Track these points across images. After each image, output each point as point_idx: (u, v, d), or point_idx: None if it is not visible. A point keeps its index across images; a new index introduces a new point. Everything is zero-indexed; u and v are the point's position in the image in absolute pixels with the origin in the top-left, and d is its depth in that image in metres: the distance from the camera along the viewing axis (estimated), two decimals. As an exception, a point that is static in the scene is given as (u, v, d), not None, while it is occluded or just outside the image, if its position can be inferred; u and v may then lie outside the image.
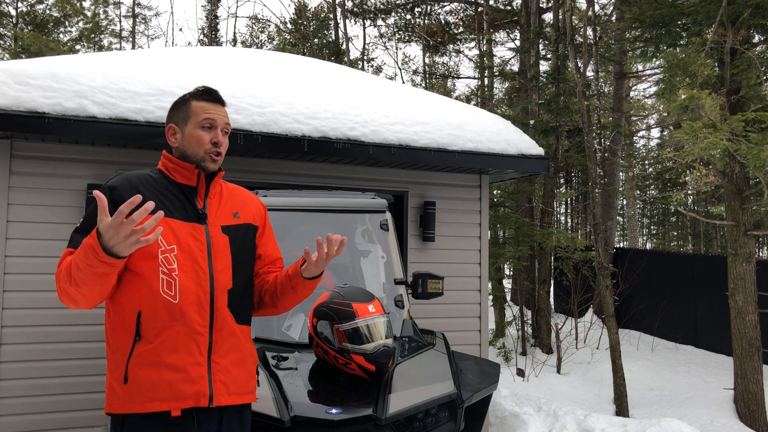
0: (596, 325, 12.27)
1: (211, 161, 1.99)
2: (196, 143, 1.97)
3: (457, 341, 5.07)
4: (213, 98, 2.03)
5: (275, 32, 22.93)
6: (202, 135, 1.98)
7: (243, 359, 1.99)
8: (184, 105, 2.03)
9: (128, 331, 1.86)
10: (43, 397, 4.09)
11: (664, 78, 7.19)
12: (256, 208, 2.17)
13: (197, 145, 1.97)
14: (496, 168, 5.17)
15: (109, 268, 1.65)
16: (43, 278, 4.13)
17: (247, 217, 2.10)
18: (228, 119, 2.05)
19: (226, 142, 2.04)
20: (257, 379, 2.10)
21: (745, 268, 6.89)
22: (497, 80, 17.29)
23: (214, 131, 1.99)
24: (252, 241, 2.10)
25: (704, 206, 22.09)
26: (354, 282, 3.78)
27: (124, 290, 1.87)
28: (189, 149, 1.99)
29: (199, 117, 1.99)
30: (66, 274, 1.74)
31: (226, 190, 2.11)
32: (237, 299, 1.99)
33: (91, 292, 1.73)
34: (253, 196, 2.21)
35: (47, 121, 3.78)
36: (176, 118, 2.03)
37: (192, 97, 2.03)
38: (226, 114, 2.06)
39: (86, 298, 1.76)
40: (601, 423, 5.27)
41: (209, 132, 1.99)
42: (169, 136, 2.04)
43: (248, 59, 5.74)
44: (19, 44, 18.22)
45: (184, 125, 2.00)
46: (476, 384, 3.24)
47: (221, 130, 2.01)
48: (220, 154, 2.00)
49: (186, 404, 1.84)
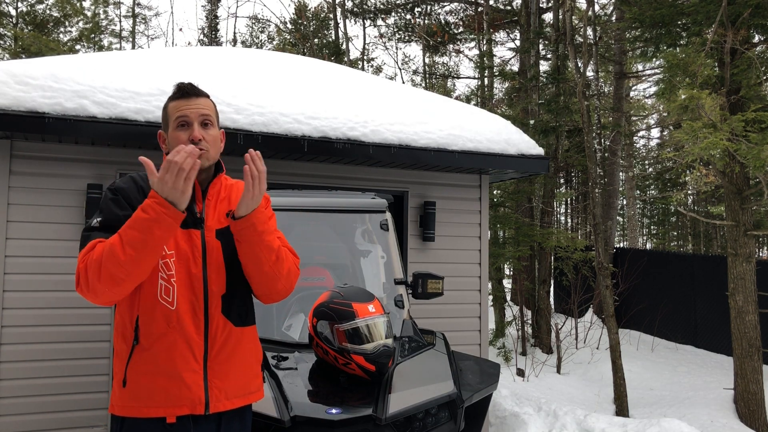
0: (596, 325, 12.27)
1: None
2: (176, 145, 1.88)
3: (457, 341, 5.07)
4: (184, 93, 1.94)
5: (275, 32, 22.94)
6: (179, 135, 1.90)
7: (244, 361, 1.97)
8: (165, 109, 1.98)
9: (127, 335, 1.87)
10: (43, 397, 4.09)
11: (664, 78, 7.19)
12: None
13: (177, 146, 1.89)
14: (496, 168, 5.17)
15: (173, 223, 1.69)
16: (43, 278, 4.13)
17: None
18: (207, 109, 1.94)
19: (212, 135, 1.94)
20: (263, 376, 2.08)
21: (745, 268, 6.89)
22: (497, 80, 17.29)
23: (190, 128, 1.90)
24: None
25: (704, 206, 22.09)
26: (354, 282, 3.78)
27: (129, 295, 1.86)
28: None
29: (173, 117, 1.92)
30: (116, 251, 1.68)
31: (224, 190, 2.04)
32: (232, 303, 1.96)
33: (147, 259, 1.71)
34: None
35: (47, 121, 3.78)
36: (163, 124, 1.99)
37: (168, 100, 1.97)
38: (206, 105, 1.95)
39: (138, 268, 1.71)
40: (601, 423, 5.27)
41: (186, 130, 1.90)
42: (161, 144, 2.02)
43: (248, 59, 5.74)
44: (19, 44, 18.23)
45: (167, 130, 1.96)
46: (476, 384, 3.24)
47: (199, 123, 1.91)
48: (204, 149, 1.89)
49: (181, 411, 1.83)
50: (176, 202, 1.68)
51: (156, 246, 1.71)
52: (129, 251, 1.68)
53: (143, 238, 1.68)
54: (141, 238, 1.68)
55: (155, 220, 1.66)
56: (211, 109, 1.97)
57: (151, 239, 1.68)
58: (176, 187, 1.66)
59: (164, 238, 1.71)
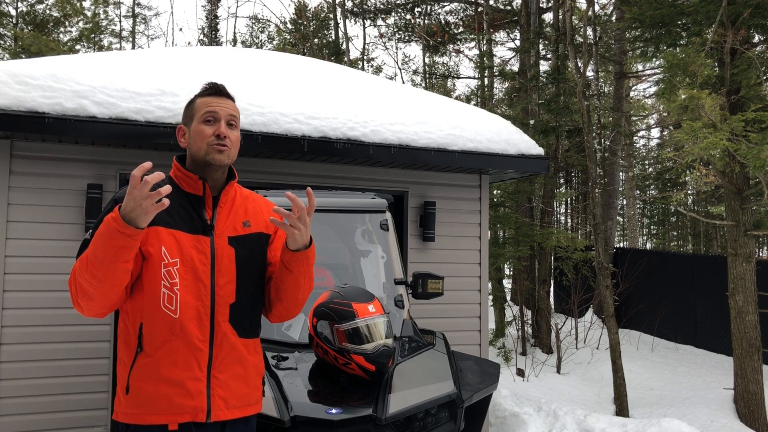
0: (596, 325, 12.27)
1: (216, 152, 1.91)
2: (199, 138, 1.92)
3: (457, 341, 5.07)
4: (216, 92, 1.97)
5: (275, 32, 22.95)
6: (204, 129, 1.92)
7: (245, 373, 1.95)
8: (190, 104, 2.00)
9: (130, 343, 1.86)
10: (43, 397, 4.09)
11: (664, 78, 7.19)
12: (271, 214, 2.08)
13: (200, 139, 1.92)
14: (496, 168, 5.17)
15: (127, 240, 1.63)
16: (43, 278, 4.13)
17: (260, 225, 2.03)
18: (234, 111, 1.98)
19: (235, 135, 1.97)
20: (263, 389, 2.06)
21: (745, 268, 6.89)
22: (497, 80, 17.30)
23: (217, 124, 1.93)
24: (263, 251, 2.03)
25: (704, 206, 22.09)
26: (354, 282, 3.78)
27: (130, 300, 1.86)
28: (193, 146, 1.94)
29: (201, 112, 1.94)
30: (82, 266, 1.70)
31: (239, 197, 2.04)
32: (240, 313, 1.93)
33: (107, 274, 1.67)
34: (268, 203, 2.12)
35: (47, 121, 3.78)
36: (185, 118, 2.00)
37: (197, 96, 2.00)
38: (233, 107, 1.99)
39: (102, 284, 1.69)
40: (601, 423, 5.27)
41: (212, 125, 1.93)
42: (179, 138, 2.01)
43: (248, 59, 5.74)
44: (19, 44, 18.23)
45: (190, 123, 1.97)
46: (476, 384, 3.24)
47: (226, 122, 1.94)
48: (227, 146, 1.92)
49: (183, 419, 1.82)
50: (135, 221, 1.62)
51: (112, 260, 1.65)
52: (90, 266, 1.67)
53: (98, 254, 1.65)
54: (97, 254, 1.65)
55: (108, 235, 1.62)
56: (237, 111, 2.00)
57: (103, 254, 1.64)
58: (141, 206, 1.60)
59: (119, 253, 1.65)
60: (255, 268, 1.99)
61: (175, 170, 1.98)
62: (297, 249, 1.88)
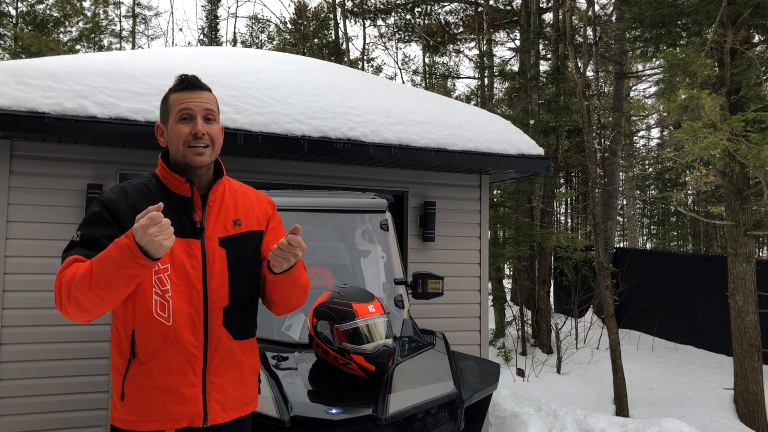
0: (596, 325, 12.27)
1: (195, 154, 1.81)
2: (177, 138, 1.82)
3: (457, 341, 5.07)
4: (188, 86, 1.86)
5: (275, 32, 22.94)
6: (181, 128, 1.82)
7: (241, 375, 1.93)
8: (165, 101, 1.90)
9: (123, 349, 1.83)
10: (43, 397, 4.09)
11: (664, 78, 7.19)
12: (262, 208, 2.02)
13: (177, 139, 1.82)
14: (496, 168, 5.17)
15: (142, 270, 1.61)
16: (43, 278, 4.13)
17: (251, 222, 1.96)
18: (211, 104, 1.87)
19: (215, 129, 1.87)
20: (258, 387, 2.05)
21: (745, 268, 6.89)
22: (497, 80, 17.30)
23: (193, 122, 1.82)
24: (255, 249, 1.96)
25: (704, 206, 22.09)
26: (354, 282, 3.78)
27: (121, 306, 1.82)
28: (172, 146, 1.86)
29: (175, 109, 1.84)
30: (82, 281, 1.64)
31: (229, 194, 1.96)
32: (234, 316, 1.89)
33: (113, 296, 1.65)
34: (259, 196, 2.06)
35: (47, 121, 3.78)
36: (162, 116, 1.92)
37: (170, 91, 1.89)
38: (209, 98, 1.88)
39: (104, 303, 1.67)
40: (601, 423, 5.27)
41: (188, 123, 1.82)
42: (159, 136, 1.94)
43: (248, 59, 5.74)
44: (19, 44, 18.22)
45: (167, 122, 1.87)
46: (476, 384, 3.24)
47: (203, 118, 1.83)
48: (208, 146, 1.83)
49: (180, 424, 1.81)
50: (151, 253, 1.58)
51: (123, 284, 1.64)
52: (95, 286, 1.63)
53: (108, 278, 1.61)
54: (107, 278, 1.61)
55: (121, 264, 1.59)
56: (214, 103, 1.90)
57: (114, 279, 1.61)
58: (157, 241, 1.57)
59: (131, 280, 1.64)
60: (248, 268, 1.94)
61: (161, 170, 1.91)
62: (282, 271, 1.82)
